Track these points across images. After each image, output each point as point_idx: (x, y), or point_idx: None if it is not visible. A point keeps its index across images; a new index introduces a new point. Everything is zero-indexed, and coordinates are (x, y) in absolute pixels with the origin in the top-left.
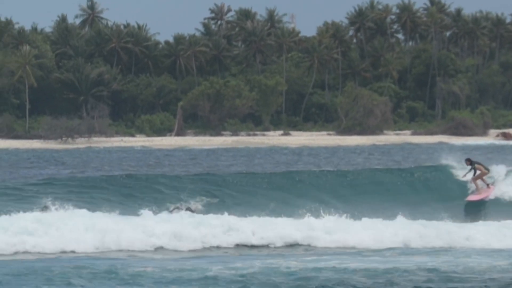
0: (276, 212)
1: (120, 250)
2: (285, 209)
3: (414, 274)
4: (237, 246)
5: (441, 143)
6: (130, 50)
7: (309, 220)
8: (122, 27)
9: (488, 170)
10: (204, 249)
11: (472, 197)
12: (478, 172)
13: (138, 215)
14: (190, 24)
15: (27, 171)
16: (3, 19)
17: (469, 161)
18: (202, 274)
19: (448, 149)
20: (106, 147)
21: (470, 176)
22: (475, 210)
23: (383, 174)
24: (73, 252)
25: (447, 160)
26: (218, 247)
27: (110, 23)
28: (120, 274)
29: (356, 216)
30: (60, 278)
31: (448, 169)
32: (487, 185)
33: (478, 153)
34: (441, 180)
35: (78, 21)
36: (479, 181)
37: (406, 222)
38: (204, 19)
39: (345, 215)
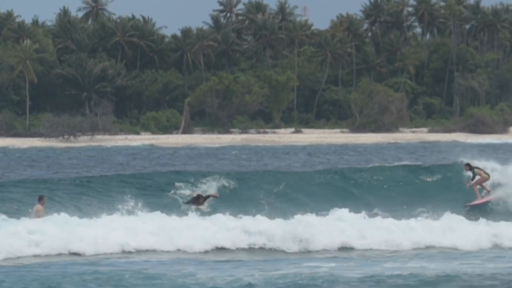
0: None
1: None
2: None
3: None
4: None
5: (455, 141)
6: (135, 44)
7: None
8: (126, 20)
9: (488, 175)
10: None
11: (471, 203)
12: (477, 177)
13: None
14: (198, 17)
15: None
16: (3, 11)
17: (469, 166)
18: None
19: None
20: (106, 146)
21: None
22: None
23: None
24: None
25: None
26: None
27: (114, 17)
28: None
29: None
30: None
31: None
32: (488, 191)
33: (491, 152)
34: None
35: (81, 14)
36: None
37: None
38: (213, 11)
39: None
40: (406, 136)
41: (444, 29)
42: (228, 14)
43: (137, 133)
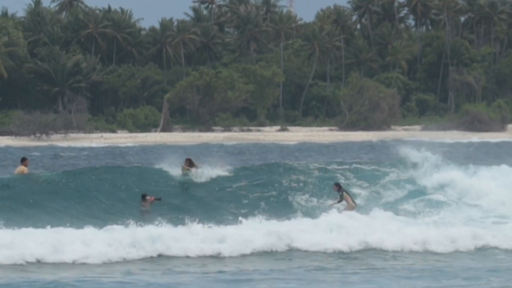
0: None
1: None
2: None
3: None
4: None
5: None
6: (109, 37)
7: None
8: (97, 11)
9: (355, 204)
10: None
11: None
12: (344, 202)
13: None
14: (179, 8)
15: None
16: None
17: (338, 187)
18: None
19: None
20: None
21: (340, 205)
22: None
23: None
24: None
25: None
26: None
27: (88, 8)
28: None
29: None
30: None
31: None
32: None
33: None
34: None
35: (53, 6)
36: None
37: None
38: (194, 2)
39: None
40: (398, 134)
41: (438, 21)
42: (210, 6)
43: (114, 131)
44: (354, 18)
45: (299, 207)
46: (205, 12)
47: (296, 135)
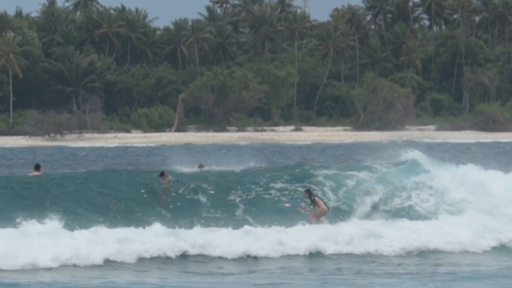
0: None
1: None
2: None
3: None
4: None
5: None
6: (123, 36)
7: None
8: (112, 11)
9: (328, 208)
10: None
11: None
12: (317, 207)
13: None
14: (193, 8)
15: None
16: None
17: (309, 194)
18: None
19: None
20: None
21: (310, 211)
22: None
23: None
24: None
25: None
26: None
27: (102, 8)
28: None
29: None
30: None
31: None
32: None
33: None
34: None
35: (68, 5)
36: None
37: None
38: (210, 1)
39: None
40: (413, 134)
41: (452, 21)
42: (225, 5)
43: (128, 131)
44: (369, 17)
45: (319, 174)
46: (219, 11)
47: (311, 135)
